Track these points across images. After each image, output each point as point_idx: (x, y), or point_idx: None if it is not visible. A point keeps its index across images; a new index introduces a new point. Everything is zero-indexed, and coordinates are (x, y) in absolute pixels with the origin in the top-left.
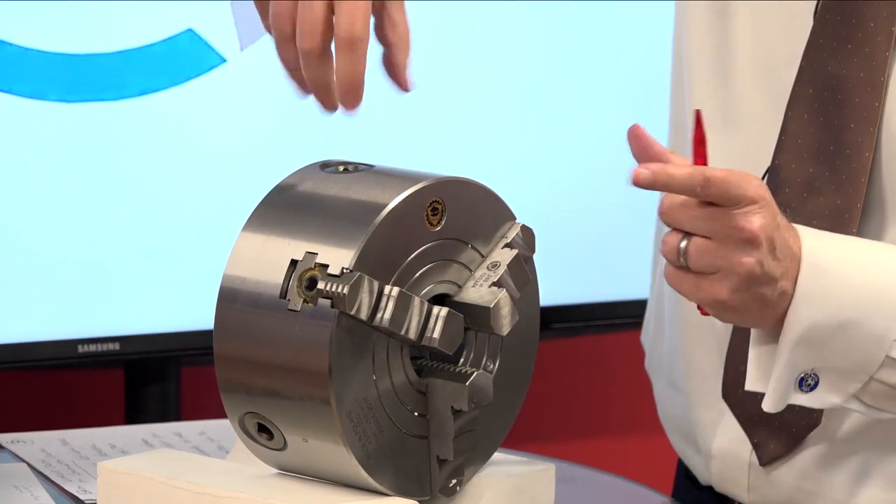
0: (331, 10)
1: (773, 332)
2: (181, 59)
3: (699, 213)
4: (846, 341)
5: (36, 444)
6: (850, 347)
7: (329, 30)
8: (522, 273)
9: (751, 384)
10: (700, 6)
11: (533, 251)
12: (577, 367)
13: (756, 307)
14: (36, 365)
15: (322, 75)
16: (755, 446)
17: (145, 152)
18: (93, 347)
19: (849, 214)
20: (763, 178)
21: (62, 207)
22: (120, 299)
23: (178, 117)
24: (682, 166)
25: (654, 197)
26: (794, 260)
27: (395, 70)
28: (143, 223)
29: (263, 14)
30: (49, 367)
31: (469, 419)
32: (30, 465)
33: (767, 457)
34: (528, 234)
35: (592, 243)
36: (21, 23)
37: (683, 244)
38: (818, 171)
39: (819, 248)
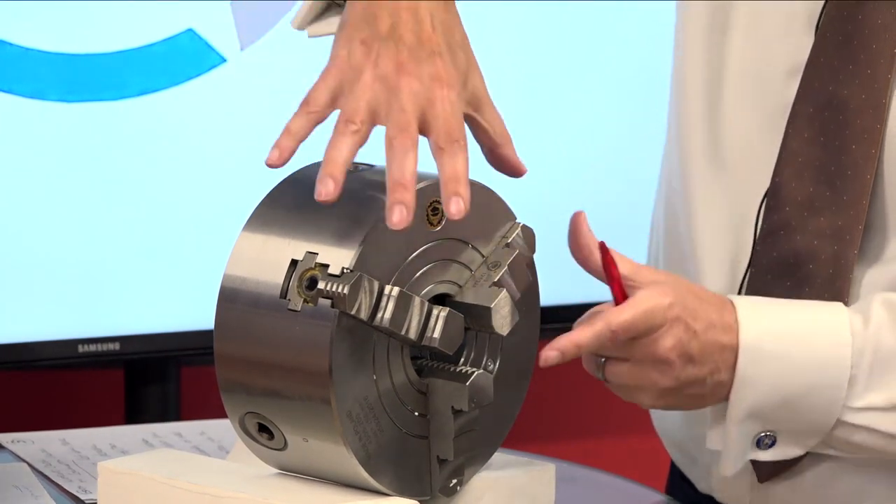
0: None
1: (723, 405)
2: (181, 59)
3: (613, 344)
4: (794, 411)
5: (36, 444)
6: (799, 415)
7: (417, 127)
8: (523, 273)
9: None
10: (697, 23)
11: (533, 251)
12: (577, 367)
13: (689, 402)
14: (36, 365)
15: (406, 168)
16: (753, 463)
17: (145, 152)
18: (93, 347)
19: (850, 235)
20: (763, 198)
21: (62, 207)
22: (120, 299)
23: (178, 117)
24: (586, 329)
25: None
26: (725, 352)
27: (506, 164)
28: (143, 223)
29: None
30: (49, 367)
31: (469, 419)
32: (30, 465)
33: (766, 474)
34: (528, 234)
35: None
36: (21, 23)
37: (602, 362)
38: (819, 191)
39: (757, 329)
